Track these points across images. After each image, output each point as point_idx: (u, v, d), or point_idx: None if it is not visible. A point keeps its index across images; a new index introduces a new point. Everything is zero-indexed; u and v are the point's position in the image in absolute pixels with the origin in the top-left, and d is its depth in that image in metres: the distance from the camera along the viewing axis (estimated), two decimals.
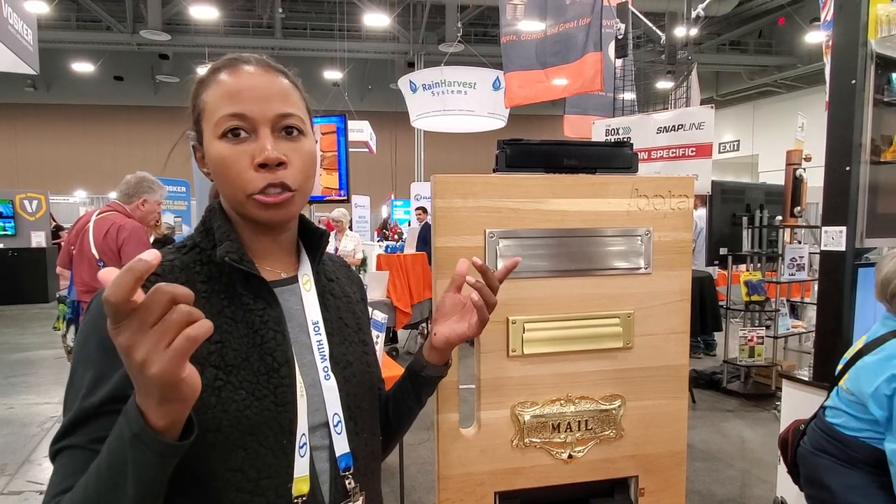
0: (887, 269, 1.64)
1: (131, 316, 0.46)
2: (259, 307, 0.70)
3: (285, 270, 0.77)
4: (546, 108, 15.72)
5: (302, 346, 0.73)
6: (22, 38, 3.92)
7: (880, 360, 1.58)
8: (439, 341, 0.84)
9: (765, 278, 4.57)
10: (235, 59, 0.72)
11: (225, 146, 0.68)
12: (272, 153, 0.67)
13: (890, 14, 2.02)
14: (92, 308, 0.67)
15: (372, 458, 0.80)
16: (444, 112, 9.32)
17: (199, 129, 0.72)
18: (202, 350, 0.64)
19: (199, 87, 0.72)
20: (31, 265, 8.85)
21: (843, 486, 1.62)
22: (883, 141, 2.12)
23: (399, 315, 5.29)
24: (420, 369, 0.87)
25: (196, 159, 0.75)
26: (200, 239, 0.73)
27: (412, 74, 9.87)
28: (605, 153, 1.18)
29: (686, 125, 4.16)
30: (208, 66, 0.74)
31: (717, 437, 3.72)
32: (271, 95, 0.69)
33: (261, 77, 0.70)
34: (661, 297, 1.18)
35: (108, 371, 0.62)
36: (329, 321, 0.77)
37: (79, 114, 18.58)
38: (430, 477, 3.13)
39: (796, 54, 14.18)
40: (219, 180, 0.71)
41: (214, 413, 0.64)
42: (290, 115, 0.70)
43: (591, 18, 4.65)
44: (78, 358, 0.65)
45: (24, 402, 4.35)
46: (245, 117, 0.67)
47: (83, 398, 0.62)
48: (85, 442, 0.60)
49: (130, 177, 2.97)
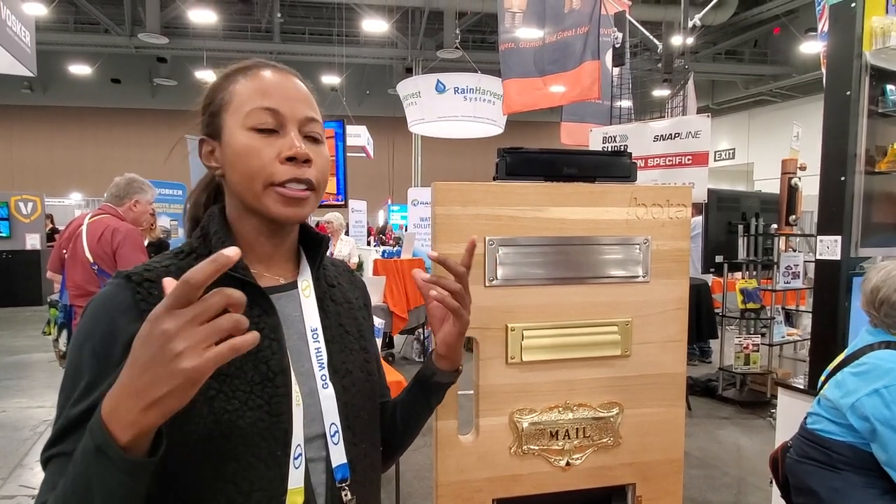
0: (876, 279, 1.65)
1: (186, 308, 0.47)
2: (255, 314, 0.68)
3: (285, 276, 0.76)
4: (543, 115, 15.78)
5: (300, 355, 0.72)
6: (20, 40, 3.91)
7: (859, 374, 1.60)
8: (441, 347, 0.84)
9: (760, 286, 4.59)
10: (264, 63, 0.74)
11: (253, 136, 0.68)
12: (302, 149, 0.69)
13: (884, 26, 2.05)
14: (88, 314, 0.66)
15: (371, 469, 0.79)
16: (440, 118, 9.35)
17: (216, 121, 0.71)
18: None
19: (225, 81, 0.72)
20: (26, 267, 8.82)
21: (828, 489, 1.64)
22: (877, 151, 2.14)
23: (395, 320, 5.28)
24: (431, 375, 0.86)
25: (202, 154, 0.74)
26: (198, 244, 0.72)
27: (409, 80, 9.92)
28: (605, 162, 1.19)
29: (683, 133, 4.18)
30: (224, 68, 0.75)
31: (713, 445, 3.73)
32: (300, 98, 0.72)
33: (290, 81, 0.73)
34: (659, 305, 1.19)
35: (99, 378, 0.61)
36: (329, 328, 0.76)
37: (75, 116, 18.53)
38: (427, 484, 3.12)
39: (791, 64, 14.31)
40: (237, 171, 0.69)
41: (206, 423, 0.62)
42: (315, 121, 0.73)
43: (589, 27, 4.68)
44: (71, 363, 0.65)
45: (16, 406, 4.32)
46: (278, 113, 0.69)
47: (73, 405, 0.61)
48: (73, 450, 0.59)
49: (119, 178, 2.94)
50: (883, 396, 1.51)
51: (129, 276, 0.67)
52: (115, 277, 0.68)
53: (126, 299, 0.65)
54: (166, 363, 0.46)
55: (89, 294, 2.77)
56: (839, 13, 2.12)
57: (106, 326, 0.64)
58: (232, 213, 0.74)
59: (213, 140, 0.73)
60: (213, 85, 0.74)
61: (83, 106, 18.29)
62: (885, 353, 1.59)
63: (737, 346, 4.49)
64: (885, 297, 1.61)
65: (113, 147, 18.71)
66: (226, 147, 0.71)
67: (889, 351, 1.59)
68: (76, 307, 2.82)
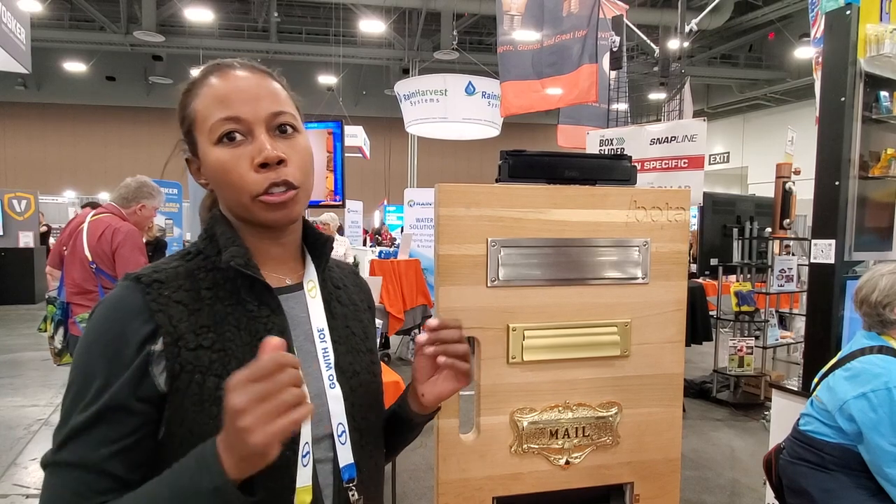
0: (861, 279, 1.72)
1: (258, 384, 0.52)
2: (263, 314, 0.69)
3: (290, 277, 0.76)
4: (539, 118, 15.85)
5: (307, 355, 0.72)
6: (14, 37, 3.90)
7: (849, 377, 1.63)
8: (430, 401, 0.80)
9: (754, 289, 4.63)
10: (219, 65, 0.71)
11: (223, 151, 0.67)
12: (272, 152, 0.66)
13: (878, 34, 2.08)
14: (97, 317, 0.65)
15: (376, 469, 0.79)
16: (424, 120, 9.34)
17: (192, 139, 0.71)
18: (203, 360, 0.64)
19: (186, 98, 0.71)
20: (19, 265, 8.76)
21: (821, 490, 1.66)
22: (871, 157, 2.17)
23: (392, 321, 5.29)
24: (412, 416, 0.83)
25: (191, 172, 0.74)
26: (204, 246, 0.71)
27: (398, 84, 9.89)
28: (605, 165, 1.21)
29: (679, 137, 4.22)
30: (194, 74, 0.73)
31: (707, 447, 3.76)
32: (261, 96, 0.69)
33: (248, 79, 0.69)
34: (658, 306, 1.20)
35: (110, 381, 0.61)
36: (336, 329, 0.76)
37: (70, 113, 18.41)
38: (422, 484, 3.13)
39: (786, 69, 14.42)
40: (220, 187, 0.69)
41: (216, 424, 0.60)
42: (282, 113, 0.69)
43: (587, 30, 4.71)
44: (79, 366, 0.64)
45: (10, 405, 4.29)
46: (239, 119, 0.67)
47: (81, 410, 0.61)
48: (83, 459, 0.60)
49: (131, 180, 2.93)
50: (870, 400, 1.54)
51: (139, 277, 0.66)
52: (125, 280, 0.67)
53: (137, 301, 0.65)
54: (237, 435, 0.51)
55: (87, 292, 2.77)
56: (834, 20, 2.15)
57: (117, 329, 0.63)
58: (231, 219, 0.74)
59: (196, 158, 0.72)
60: (179, 104, 0.72)
61: (78, 103, 18.18)
62: (876, 357, 1.62)
63: (731, 348, 4.52)
64: (864, 297, 1.69)
65: (107, 145, 18.61)
66: (204, 165, 0.70)
67: (880, 356, 1.62)
68: (73, 304, 2.81)
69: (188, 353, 0.64)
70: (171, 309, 0.65)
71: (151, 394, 0.63)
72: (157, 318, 0.64)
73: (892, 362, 1.58)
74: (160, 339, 0.63)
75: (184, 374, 0.63)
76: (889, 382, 1.53)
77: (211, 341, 0.65)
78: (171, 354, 0.63)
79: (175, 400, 0.63)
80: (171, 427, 0.63)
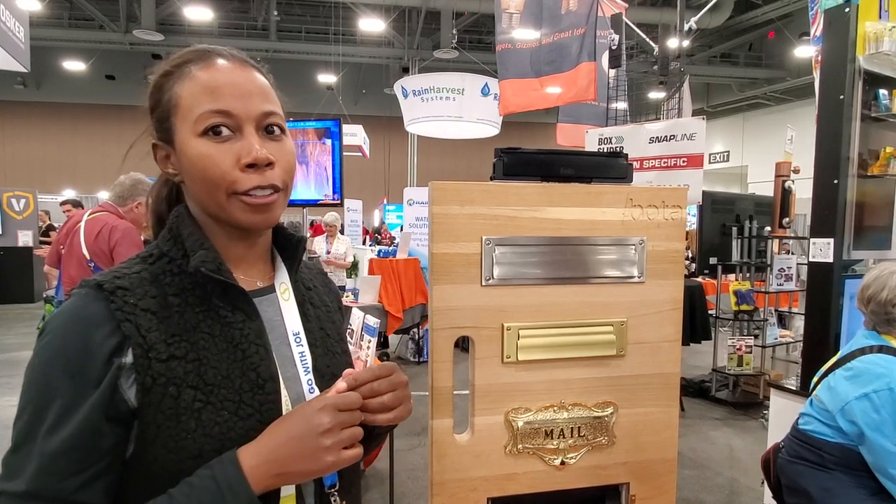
0: (868, 278, 1.73)
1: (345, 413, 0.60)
2: (238, 320, 0.65)
3: (261, 279, 0.73)
4: (539, 116, 15.83)
5: (285, 359, 0.69)
6: (13, 36, 3.89)
7: (850, 378, 1.62)
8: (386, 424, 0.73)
9: (753, 288, 4.62)
10: (209, 52, 0.66)
11: (206, 144, 0.63)
12: (261, 153, 0.63)
13: (878, 31, 2.07)
14: (54, 328, 0.59)
15: (354, 475, 0.78)
16: (436, 118, 9.32)
17: (167, 125, 0.66)
18: (177, 371, 0.60)
19: (166, 79, 0.66)
20: (17, 264, 8.74)
21: (820, 489, 1.66)
22: (870, 155, 2.16)
23: (391, 320, 5.28)
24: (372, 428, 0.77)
25: (157, 158, 0.70)
26: (168, 248, 0.66)
27: (404, 80, 9.86)
28: (601, 163, 1.20)
29: (678, 136, 4.21)
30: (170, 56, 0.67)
31: (706, 446, 3.75)
32: (253, 92, 0.65)
33: (240, 73, 0.66)
34: (654, 305, 1.19)
35: (77, 401, 0.56)
36: (311, 332, 0.74)
37: (69, 112, 18.40)
38: (420, 483, 3.12)
39: (785, 67, 14.41)
40: (195, 181, 0.65)
41: (195, 437, 0.59)
42: (273, 114, 0.66)
43: (585, 28, 4.70)
44: (35, 384, 0.58)
45: (7, 404, 4.28)
46: (230, 115, 0.63)
47: (47, 434, 0.56)
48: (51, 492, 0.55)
49: (125, 178, 2.92)
50: (872, 401, 1.53)
51: (100, 284, 0.61)
52: (83, 286, 0.61)
53: (100, 310, 0.59)
54: (313, 450, 0.55)
55: None
56: (833, 18, 2.14)
57: (79, 342, 0.58)
58: (199, 217, 0.69)
59: (167, 145, 0.67)
60: (155, 84, 0.68)
61: (77, 102, 18.17)
62: (878, 357, 1.61)
63: (730, 347, 4.51)
64: (872, 295, 1.68)
65: (106, 144, 18.57)
66: (181, 155, 0.65)
67: (881, 355, 1.61)
68: None
69: (160, 364, 0.59)
70: (138, 318, 0.60)
71: (123, 411, 0.58)
72: (125, 328, 0.59)
73: (893, 362, 1.58)
74: (129, 351, 0.59)
75: (156, 388, 0.59)
76: (891, 383, 1.52)
77: (184, 351, 0.61)
78: (142, 367, 0.59)
79: (147, 415, 0.58)
80: (143, 444, 0.59)
